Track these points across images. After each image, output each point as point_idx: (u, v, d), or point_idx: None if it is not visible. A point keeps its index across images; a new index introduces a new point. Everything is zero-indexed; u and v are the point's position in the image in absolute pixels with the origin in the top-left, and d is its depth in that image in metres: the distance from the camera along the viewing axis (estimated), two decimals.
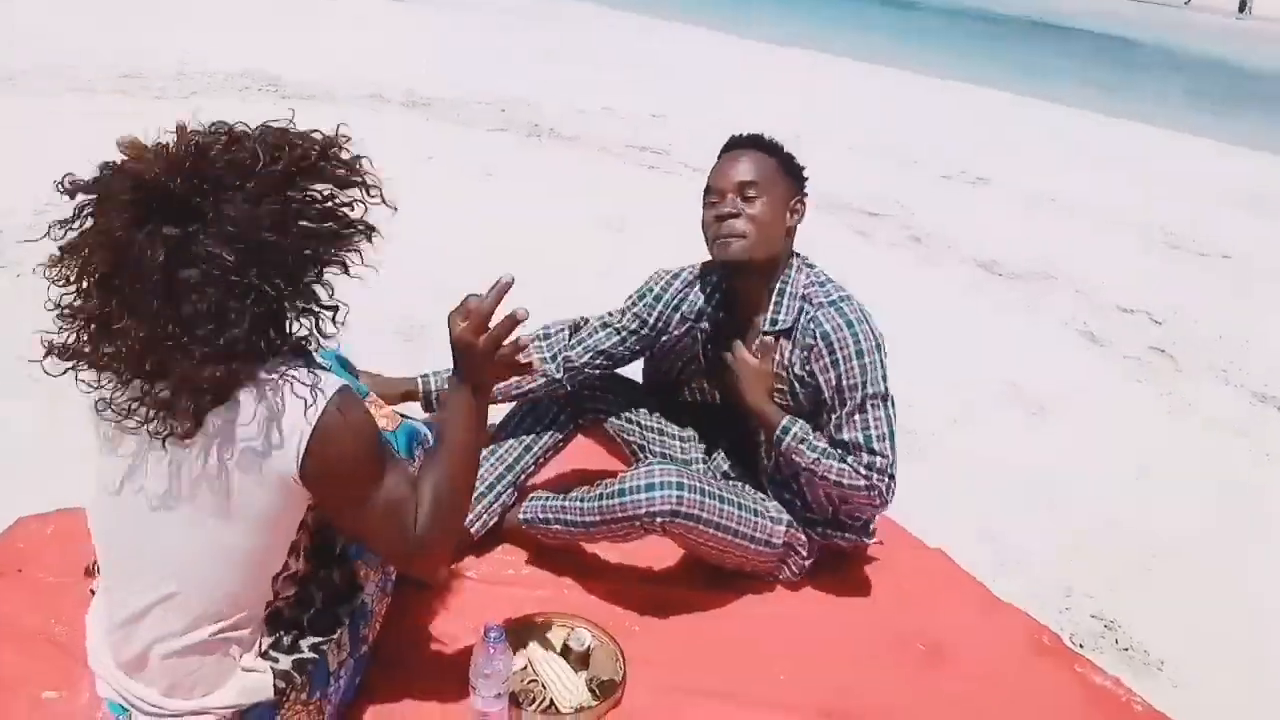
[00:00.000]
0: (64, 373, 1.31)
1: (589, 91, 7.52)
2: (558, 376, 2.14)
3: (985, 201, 6.13)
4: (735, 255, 1.99)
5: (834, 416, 1.97)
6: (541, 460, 2.21)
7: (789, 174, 2.04)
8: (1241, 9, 41.51)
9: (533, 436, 2.18)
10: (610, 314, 2.20)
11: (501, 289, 1.42)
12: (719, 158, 2.07)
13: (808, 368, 1.99)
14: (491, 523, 2.13)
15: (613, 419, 2.24)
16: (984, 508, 2.70)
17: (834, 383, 1.95)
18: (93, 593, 1.55)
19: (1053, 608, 2.33)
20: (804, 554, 2.17)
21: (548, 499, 2.11)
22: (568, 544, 2.13)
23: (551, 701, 1.77)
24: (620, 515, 1.94)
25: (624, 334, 2.16)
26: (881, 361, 1.97)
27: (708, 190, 2.03)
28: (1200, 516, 2.83)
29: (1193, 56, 22.02)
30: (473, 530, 2.10)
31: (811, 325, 1.99)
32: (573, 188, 5.17)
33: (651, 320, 2.16)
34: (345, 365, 1.93)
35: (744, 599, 2.19)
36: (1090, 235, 5.68)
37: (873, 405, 1.94)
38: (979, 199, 6.18)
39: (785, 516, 2.11)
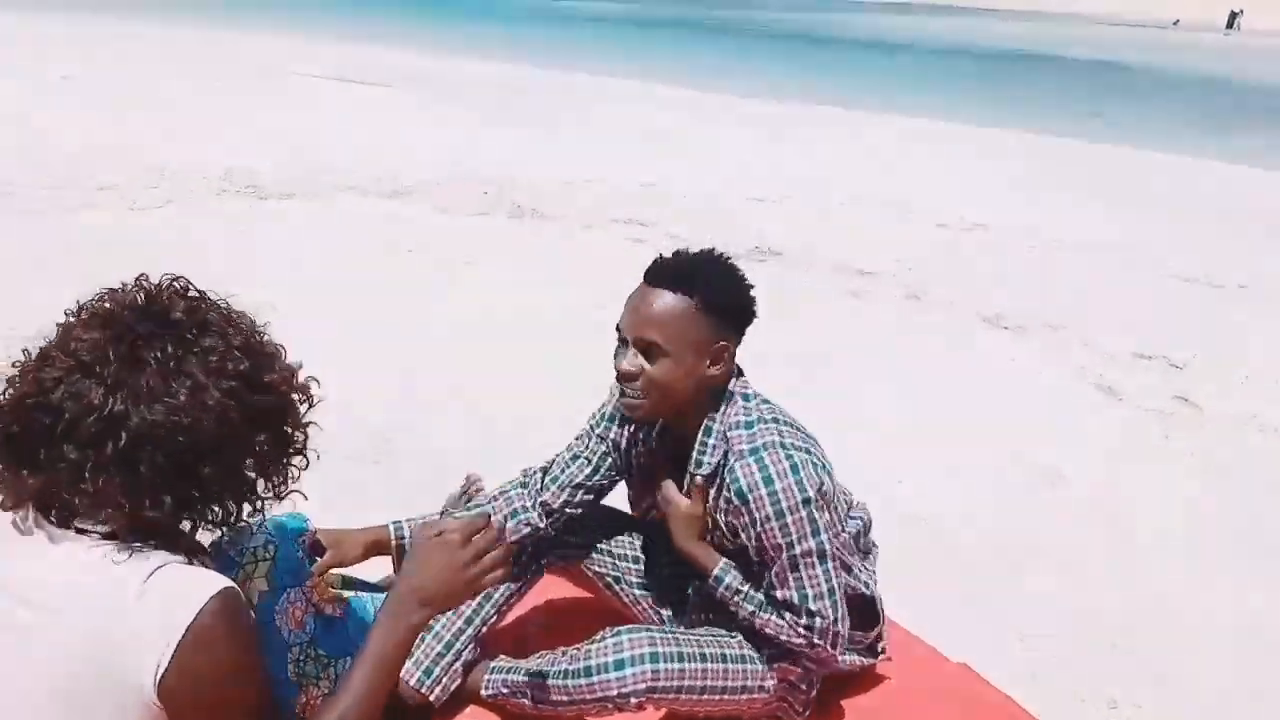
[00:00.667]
0: None
1: (575, 165, 7.43)
2: (540, 525, 1.93)
3: (984, 248, 5.94)
4: (636, 420, 1.81)
5: (767, 574, 1.74)
6: (504, 608, 1.98)
7: (709, 314, 1.68)
8: (1230, 25, 41.76)
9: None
10: (576, 440, 1.99)
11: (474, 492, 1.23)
12: (636, 289, 1.74)
13: (730, 522, 1.77)
14: (453, 686, 1.90)
15: (584, 556, 2.01)
16: (1007, 600, 2.46)
17: (755, 542, 1.72)
18: None
19: None
20: (804, 687, 1.92)
21: (509, 671, 1.88)
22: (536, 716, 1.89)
23: None
24: (589, 697, 1.73)
25: (594, 460, 1.94)
26: (811, 516, 1.68)
27: (616, 327, 1.75)
28: (1250, 588, 2.56)
29: (1185, 76, 22.02)
30: (432, 697, 1.87)
31: (729, 477, 1.74)
32: (557, 269, 5.02)
33: (615, 439, 1.95)
34: (299, 532, 1.71)
35: None
36: (1098, 276, 5.47)
37: (806, 563, 1.69)
38: (977, 246, 5.99)
39: (769, 653, 1.87)
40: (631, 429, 1.93)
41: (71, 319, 1.19)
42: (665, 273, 1.70)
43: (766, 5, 46.19)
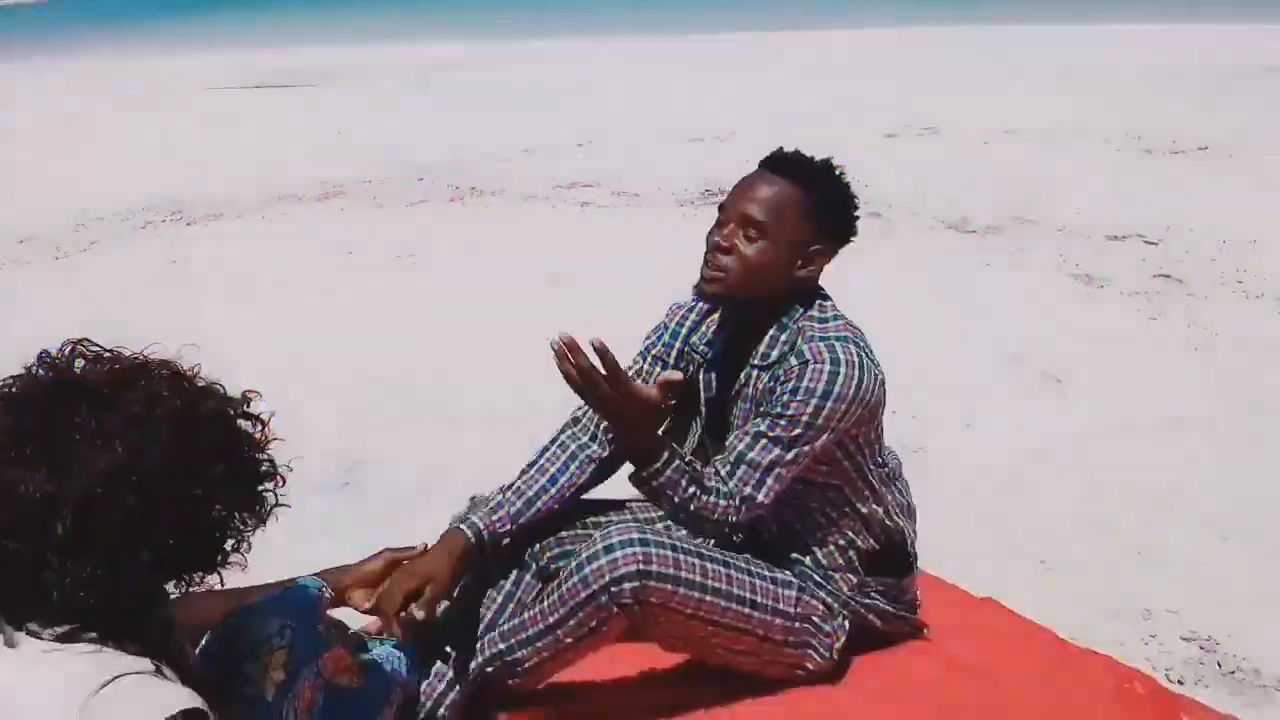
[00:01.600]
0: None
1: (508, 134, 7.19)
2: (604, 454, 1.83)
3: (939, 154, 5.79)
4: (710, 294, 1.71)
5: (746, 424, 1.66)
6: None
7: (818, 215, 1.67)
8: None
9: (496, 609, 1.81)
10: (633, 362, 1.86)
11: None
12: (752, 172, 1.71)
13: (763, 391, 1.67)
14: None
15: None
16: (1023, 519, 2.34)
17: (773, 395, 1.63)
18: None
19: (1135, 638, 1.97)
20: (830, 628, 1.78)
21: (501, 624, 1.74)
22: (546, 672, 1.74)
23: None
24: (583, 595, 1.58)
25: (650, 381, 1.81)
26: (839, 416, 1.61)
27: (720, 206, 1.70)
28: (1266, 468, 2.45)
29: None
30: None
31: (793, 355, 1.64)
32: (503, 248, 4.81)
33: (672, 358, 1.86)
34: (314, 601, 1.56)
35: (775, 699, 1.81)
36: (1058, 161, 5.33)
37: (774, 439, 1.61)
38: (931, 152, 5.83)
39: (794, 581, 1.74)
40: (699, 334, 1.86)
41: None
42: (788, 163, 1.69)
43: None
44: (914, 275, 3.92)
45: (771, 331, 1.71)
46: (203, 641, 1.40)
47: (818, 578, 1.78)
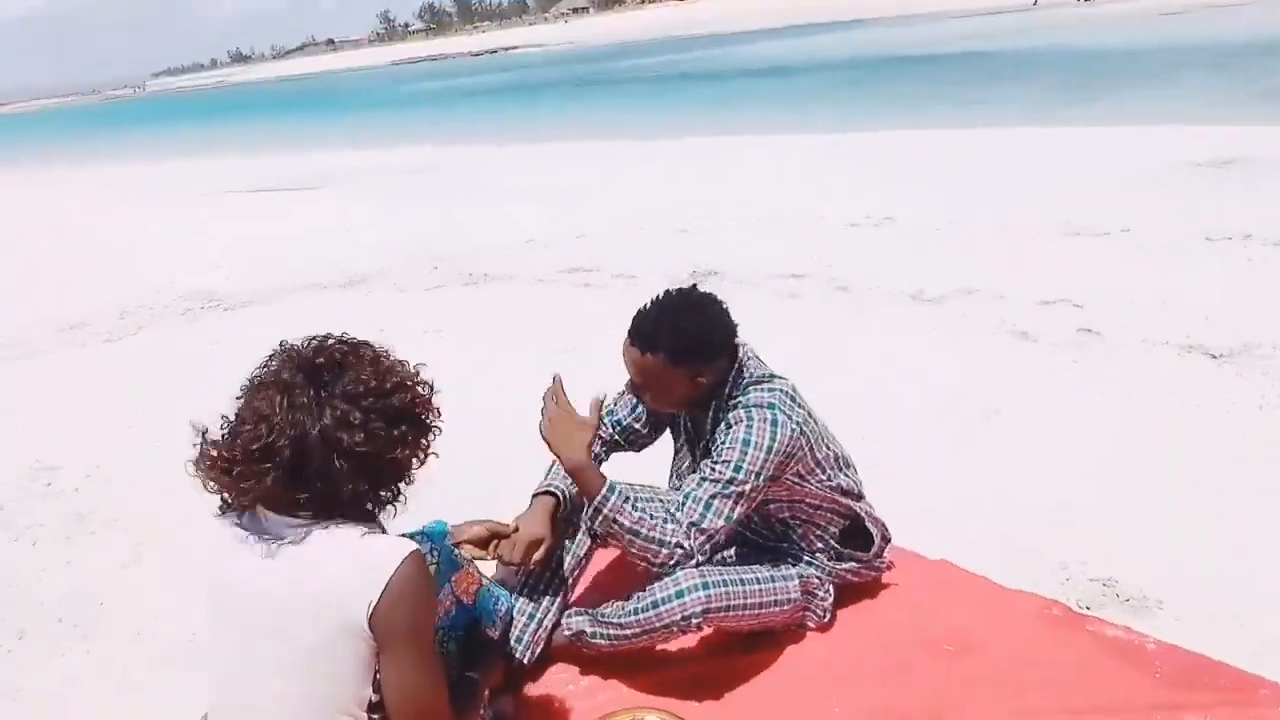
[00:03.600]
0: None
1: (511, 227, 7.91)
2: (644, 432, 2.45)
3: (894, 238, 6.56)
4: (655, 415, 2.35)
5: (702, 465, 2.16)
6: (573, 581, 2.40)
7: (681, 362, 2.10)
8: None
9: (557, 560, 2.37)
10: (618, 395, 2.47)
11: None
12: (625, 342, 2.16)
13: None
14: (538, 650, 2.31)
15: None
16: (967, 512, 2.95)
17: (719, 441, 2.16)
18: None
19: (1054, 582, 2.56)
20: (822, 594, 2.39)
21: (586, 615, 2.30)
22: (612, 652, 2.31)
23: None
24: (658, 624, 2.14)
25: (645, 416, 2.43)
26: (760, 462, 2.09)
27: None
28: (1158, 467, 3.11)
29: (1044, 54, 23.45)
30: (525, 659, 2.28)
31: (732, 403, 2.20)
32: (517, 324, 5.45)
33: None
34: (444, 534, 2.11)
35: (784, 653, 2.38)
36: (999, 244, 6.10)
37: (713, 481, 2.10)
38: (888, 238, 6.60)
39: (794, 570, 2.34)
40: None
41: (249, 381, 1.63)
42: (636, 334, 2.12)
43: (648, 53, 47.42)
44: (874, 336, 4.62)
45: (712, 415, 2.26)
46: None
47: (806, 559, 2.40)
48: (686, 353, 2.10)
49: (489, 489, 3.32)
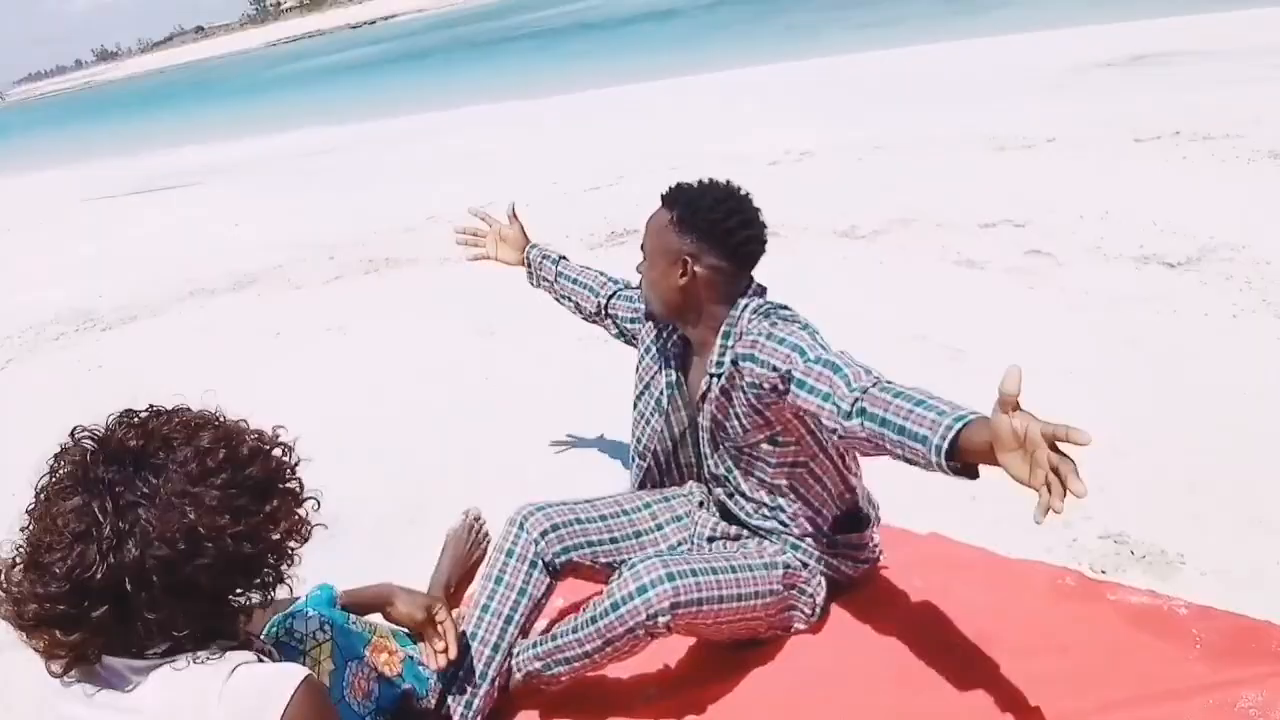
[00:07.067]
0: None
1: (410, 205, 7.38)
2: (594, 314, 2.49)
3: (819, 174, 6.24)
4: (650, 317, 2.13)
5: (793, 396, 1.76)
6: (526, 626, 2.03)
7: (685, 228, 1.92)
8: None
9: (511, 606, 2.00)
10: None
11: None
12: None
13: (752, 401, 1.88)
14: (489, 708, 1.95)
15: (588, 555, 2.07)
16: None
17: (771, 394, 1.83)
18: None
19: (1061, 544, 2.27)
20: (811, 589, 2.06)
21: (537, 644, 1.95)
22: (578, 680, 1.96)
23: None
24: (620, 630, 1.78)
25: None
26: (823, 341, 1.82)
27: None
28: (1144, 394, 2.84)
29: None
30: (472, 714, 1.91)
31: (746, 357, 1.87)
32: (428, 310, 5.00)
33: (640, 320, 2.26)
34: (332, 600, 1.73)
35: (773, 663, 2.06)
36: (925, 167, 5.82)
37: (823, 360, 1.74)
38: (811, 173, 6.28)
39: (779, 560, 2.00)
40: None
41: (42, 494, 1.19)
42: (668, 192, 2.00)
43: (536, 7, 46.33)
44: (816, 280, 4.28)
45: (720, 340, 1.95)
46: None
47: (793, 540, 2.06)
48: (696, 222, 1.92)
49: (416, 501, 2.97)
